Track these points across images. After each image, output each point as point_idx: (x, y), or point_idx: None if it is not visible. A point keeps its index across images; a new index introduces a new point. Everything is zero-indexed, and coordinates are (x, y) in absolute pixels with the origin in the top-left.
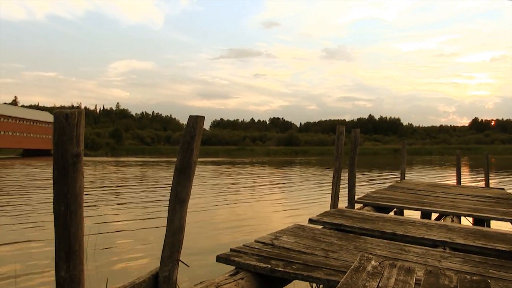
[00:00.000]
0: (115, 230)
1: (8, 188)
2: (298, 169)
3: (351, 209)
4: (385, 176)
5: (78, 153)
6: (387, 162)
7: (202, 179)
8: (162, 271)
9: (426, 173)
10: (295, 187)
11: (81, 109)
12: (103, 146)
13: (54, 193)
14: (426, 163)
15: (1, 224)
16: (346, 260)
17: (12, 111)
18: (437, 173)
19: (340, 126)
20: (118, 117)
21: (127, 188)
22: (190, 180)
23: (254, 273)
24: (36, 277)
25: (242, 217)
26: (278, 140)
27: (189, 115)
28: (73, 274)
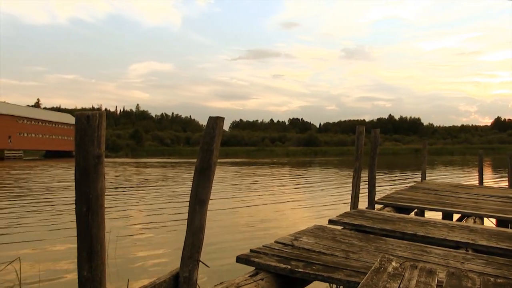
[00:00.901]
0: (136, 230)
1: (37, 188)
2: (317, 170)
3: (371, 209)
4: (406, 176)
5: (100, 154)
6: (407, 163)
7: (222, 180)
8: (183, 271)
9: (447, 174)
10: (314, 188)
11: (102, 111)
12: (123, 148)
13: (76, 194)
14: (447, 163)
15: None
16: (367, 261)
17: (35, 113)
18: (458, 173)
19: (360, 126)
20: (138, 118)
21: (147, 189)
22: (210, 181)
23: (274, 274)
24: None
25: (261, 218)
26: (298, 140)
27: (209, 116)
28: (95, 274)
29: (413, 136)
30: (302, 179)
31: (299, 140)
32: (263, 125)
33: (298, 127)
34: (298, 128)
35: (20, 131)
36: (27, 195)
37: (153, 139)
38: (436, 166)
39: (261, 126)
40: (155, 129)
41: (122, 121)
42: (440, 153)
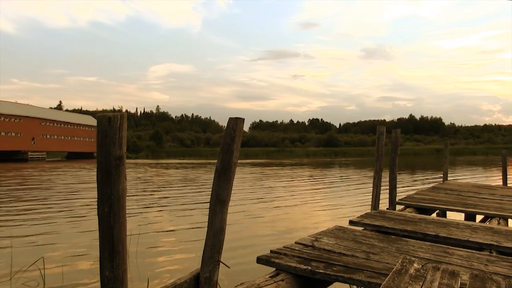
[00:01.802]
0: (156, 231)
1: (60, 189)
2: (338, 170)
3: (392, 210)
4: (427, 177)
5: (121, 155)
6: (428, 163)
7: (242, 180)
8: (203, 271)
9: (469, 174)
10: (335, 189)
11: (123, 112)
12: (144, 149)
13: (98, 195)
14: (469, 163)
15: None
16: (388, 262)
17: (58, 115)
18: (481, 173)
19: (381, 126)
20: (158, 120)
21: (168, 189)
22: (231, 182)
23: (294, 275)
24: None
25: (282, 218)
26: (318, 141)
27: (229, 117)
28: (117, 274)
29: (434, 136)
30: (322, 180)
31: (319, 141)
32: (282, 125)
33: (318, 127)
34: (318, 129)
35: (43, 133)
36: (51, 195)
37: (173, 140)
38: (458, 167)
39: (281, 127)
40: (175, 130)
41: (142, 123)
42: (462, 153)
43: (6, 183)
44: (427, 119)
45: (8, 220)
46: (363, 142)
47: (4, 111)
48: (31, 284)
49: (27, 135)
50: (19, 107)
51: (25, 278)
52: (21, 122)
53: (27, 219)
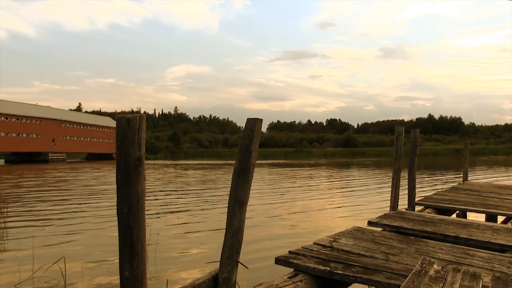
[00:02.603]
0: (175, 231)
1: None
2: (356, 171)
3: (411, 211)
4: (447, 177)
5: (140, 156)
6: (448, 163)
7: (260, 181)
8: (222, 272)
9: (490, 174)
10: (353, 189)
11: (142, 114)
12: (162, 150)
13: (117, 196)
14: (490, 163)
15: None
16: (407, 263)
17: (77, 117)
18: (502, 174)
19: (399, 126)
20: (176, 121)
21: (186, 190)
22: (249, 183)
23: (312, 276)
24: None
25: (300, 219)
26: (335, 141)
27: (247, 118)
28: (136, 274)
29: (454, 136)
30: (340, 180)
31: (337, 141)
32: (300, 126)
33: (336, 128)
34: (335, 129)
35: (63, 134)
36: (72, 196)
37: (191, 141)
38: (478, 167)
39: (299, 127)
40: (193, 131)
41: (160, 124)
42: (483, 153)
43: (31, 184)
44: (446, 119)
45: (31, 220)
46: (381, 142)
47: (25, 113)
48: (52, 283)
49: (47, 137)
50: (40, 109)
51: (47, 277)
52: (42, 124)
53: (49, 219)
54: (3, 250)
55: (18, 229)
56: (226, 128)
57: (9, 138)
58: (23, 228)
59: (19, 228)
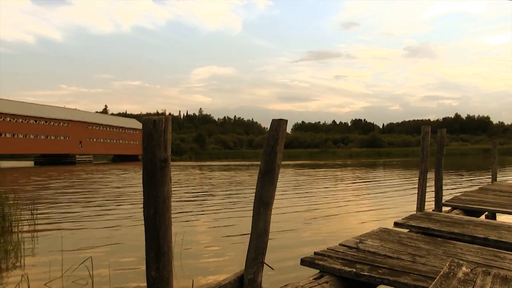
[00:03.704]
0: (201, 232)
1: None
2: (381, 171)
3: (438, 212)
4: (475, 177)
5: (166, 158)
6: (476, 163)
7: (285, 182)
8: (247, 273)
9: None
10: (378, 190)
11: (168, 115)
12: (187, 151)
13: (144, 197)
14: None
15: (102, 225)
16: (435, 265)
17: (103, 119)
18: None
19: (425, 126)
20: (201, 122)
21: (212, 191)
22: (274, 183)
23: (338, 277)
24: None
25: (325, 220)
26: (361, 142)
27: (272, 119)
28: (163, 274)
29: (482, 135)
30: (365, 181)
31: (362, 141)
32: (325, 126)
33: (361, 128)
34: (361, 129)
35: (90, 136)
36: (100, 197)
37: (216, 142)
38: (507, 167)
39: (323, 128)
40: (218, 132)
41: (185, 125)
42: None
43: (60, 185)
44: (474, 118)
45: (60, 220)
46: (407, 142)
47: (53, 116)
48: (80, 283)
49: (75, 139)
50: (67, 111)
51: (75, 277)
52: (69, 126)
53: (78, 220)
54: (34, 250)
55: (48, 231)
56: (251, 129)
57: (38, 140)
58: (53, 230)
59: (50, 231)
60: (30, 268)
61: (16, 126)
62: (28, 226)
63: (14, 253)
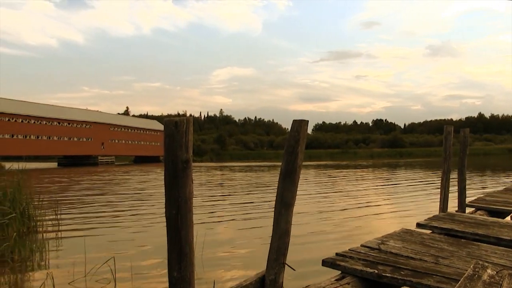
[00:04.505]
0: (222, 232)
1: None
2: (403, 172)
3: (462, 213)
4: (499, 178)
5: (187, 159)
6: (500, 163)
7: (306, 182)
8: (269, 274)
9: None
10: (400, 190)
11: (189, 117)
12: (208, 152)
13: (166, 198)
14: None
15: (125, 225)
16: (458, 267)
17: (125, 120)
18: None
19: (448, 126)
20: (222, 123)
21: (234, 192)
22: (295, 184)
23: (360, 278)
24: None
25: (347, 221)
26: (382, 142)
27: (293, 120)
28: (184, 275)
29: (507, 135)
30: (387, 181)
31: (384, 142)
32: (346, 127)
33: (382, 128)
34: (382, 130)
35: (112, 137)
36: (123, 198)
37: (237, 143)
38: None
39: (344, 128)
40: (238, 133)
41: (206, 126)
42: None
43: (83, 186)
44: (498, 118)
45: (84, 221)
46: (429, 142)
47: (76, 117)
48: (103, 282)
49: (97, 140)
50: (90, 113)
51: (98, 276)
52: (92, 128)
53: (100, 221)
54: (58, 249)
55: (71, 231)
56: (271, 130)
57: (61, 142)
58: (76, 230)
59: (73, 231)
60: (54, 267)
61: (40, 128)
62: (52, 226)
63: (39, 252)
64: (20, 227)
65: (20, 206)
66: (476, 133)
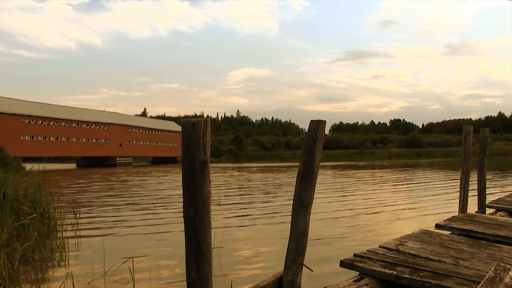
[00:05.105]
0: (239, 233)
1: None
2: (421, 172)
3: (481, 214)
4: None
5: (205, 160)
6: None
7: (323, 183)
8: (286, 274)
9: None
10: (418, 191)
11: (207, 117)
12: (225, 153)
13: (184, 198)
14: None
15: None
16: (479, 269)
17: (142, 122)
18: None
19: (467, 125)
20: (239, 124)
21: (252, 193)
22: (313, 185)
23: (378, 279)
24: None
25: (364, 221)
26: (400, 142)
27: (310, 120)
28: (202, 275)
29: None
30: (405, 182)
31: (401, 142)
32: (363, 127)
33: (400, 128)
34: (400, 130)
35: (129, 139)
36: (142, 198)
37: (254, 144)
38: None
39: (362, 128)
40: (255, 134)
41: (223, 127)
42: None
43: (101, 187)
44: None
45: (102, 221)
46: (448, 142)
47: (94, 119)
48: (122, 282)
49: (115, 141)
50: (108, 115)
51: (117, 276)
52: (110, 129)
53: (119, 221)
54: (77, 249)
55: (90, 230)
56: (288, 130)
57: (80, 143)
58: (95, 229)
59: (92, 230)
60: (74, 266)
61: (60, 129)
62: (71, 226)
63: (59, 252)
64: (40, 227)
65: (40, 207)
66: (496, 132)
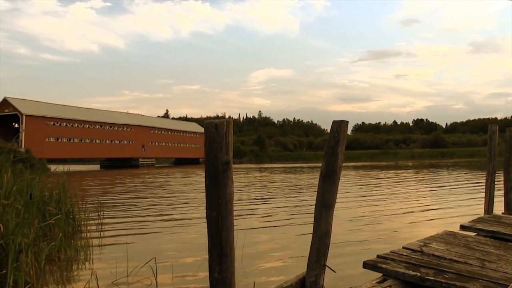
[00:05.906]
0: (262, 234)
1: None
2: (445, 172)
3: (508, 215)
4: None
5: (228, 160)
6: None
7: (346, 183)
8: (309, 275)
9: None
10: (442, 191)
11: (229, 118)
12: (247, 154)
13: (207, 199)
14: None
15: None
16: (506, 271)
17: (165, 123)
18: None
19: (493, 125)
20: (261, 125)
21: (273, 193)
22: (336, 185)
23: (402, 281)
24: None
25: (387, 222)
26: (423, 142)
27: (333, 120)
28: (225, 276)
29: None
30: (428, 182)
31: (425, 142)
32: (386, 127)
33: (423, 128)
34: (423, 129)
35: (152, 140)
36: (165, 199)
37: (276, 144)
38: None
39: (384, 129)
40: (277, 134)
41: (245, 128)
42: None
43: (125, 188)
44: None
45: (126, 221)
46: (472, 142)
47: (117, 121)
48: (145, 282)
49: (138, 143)
50: (131, 116)
51: (140, 276)
52: (133, 130)
53: (142, 221)
54: (101, 249)
55: (114, 230)
56: (310, 131)
57: (104, 144)
58: (119, 230)
59: (115, 231)
60: (98, 266)
61: (83, 131)
62: (95, 226)
63: (83, 251)
64: (65, 227)
65: (65, 207)
66: None
